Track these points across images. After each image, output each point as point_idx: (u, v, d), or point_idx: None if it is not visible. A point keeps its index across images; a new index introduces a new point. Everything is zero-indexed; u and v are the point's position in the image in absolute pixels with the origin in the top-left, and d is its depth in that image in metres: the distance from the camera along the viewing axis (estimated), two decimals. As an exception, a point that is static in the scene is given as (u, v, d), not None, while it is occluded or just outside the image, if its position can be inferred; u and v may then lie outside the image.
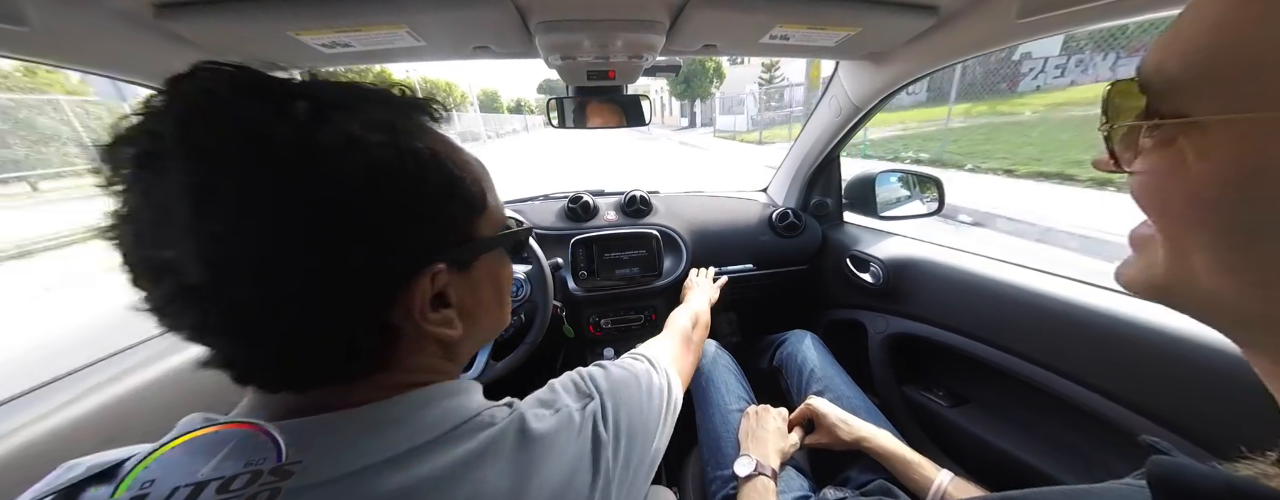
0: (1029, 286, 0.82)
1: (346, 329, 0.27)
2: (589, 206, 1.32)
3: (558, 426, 0.34)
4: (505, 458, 0.30)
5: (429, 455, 0.28)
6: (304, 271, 0.25)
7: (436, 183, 0.30)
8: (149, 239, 0.24)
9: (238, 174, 0.23)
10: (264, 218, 0.24)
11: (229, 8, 0.58)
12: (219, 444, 0.32)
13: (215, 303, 0.24)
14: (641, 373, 0.46)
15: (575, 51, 0.77)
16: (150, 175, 0.24)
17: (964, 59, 0.84)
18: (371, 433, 0.28)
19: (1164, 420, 0.61)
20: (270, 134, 0.24)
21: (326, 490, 0.26)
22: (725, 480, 0.72)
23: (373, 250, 0.26)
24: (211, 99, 0.25)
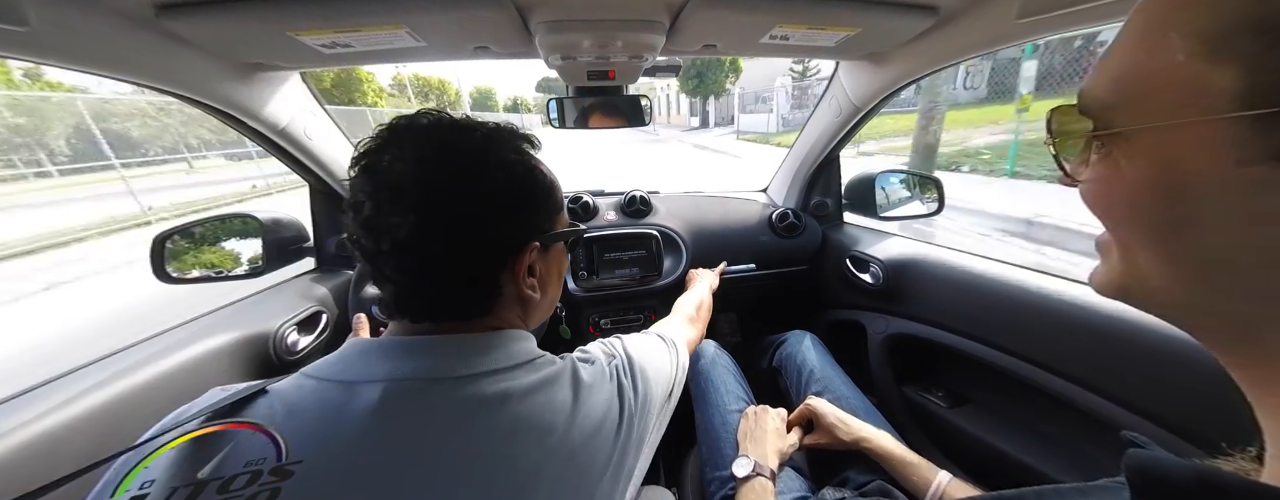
0: (1029, 287, 0.82)
1: (481, 280, 0.41)
2: (589, 206, 1.32)
3: (595, 373, 0.46)
4: (566, 386, 0.42)
5: (516, 373, 0.40)
6: (471, 236, 0.39)
7: (541, 187, 0.44)
8: (385, 210, 0.36)
9: (444, 173, 0.38)
10: (455, 201, 0.37)
11: (229, 8, 0.58)
12: (219, 444, 0.32)
13: (416, 254, 0.37)
14: (653, 340, 0.60)
15: (575, 51, 0.77)
16: (392, 170, 0.37)
17: (964, 59, 0.84)
18: (481, 352, 0.40)
19: (1164, 421, 0.61)
20: (462, 150, 0.39)
21: (455, 382, 0.37)
22: (724, 481, 0.72)
23: (507, 227, 0.41)
24: (428, 127, 0.40)
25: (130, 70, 0.66)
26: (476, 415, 0.36)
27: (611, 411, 0.43)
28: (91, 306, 3.86)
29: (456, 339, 0.40)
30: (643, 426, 0.46)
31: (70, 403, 0.59)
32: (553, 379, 0.42)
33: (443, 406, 0.36)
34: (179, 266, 0.96)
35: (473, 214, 0.38)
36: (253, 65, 0.79)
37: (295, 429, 0.33)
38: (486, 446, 0.35)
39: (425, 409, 0.35)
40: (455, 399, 0.36)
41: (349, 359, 0.39)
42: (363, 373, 0.37)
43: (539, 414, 0.38)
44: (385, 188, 0.37)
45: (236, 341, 0.81)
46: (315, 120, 1.01)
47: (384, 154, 0.38)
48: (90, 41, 0.58)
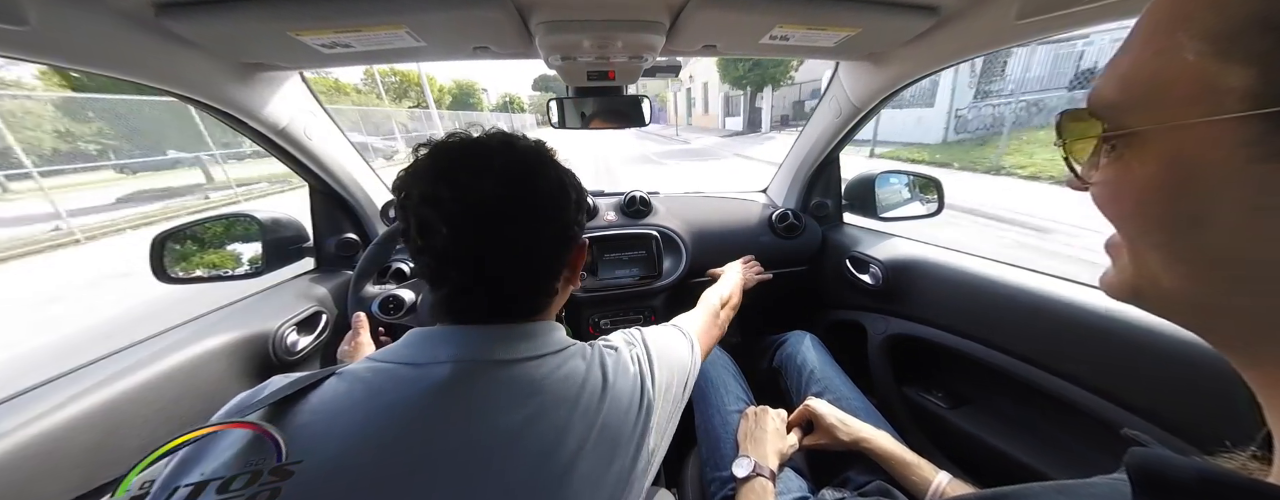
0: (1029, 287, 0.82)
1: (549, 279, 0.47)
2: (589, 207, 1.32)
3: (621, 358, 0.50)
4: (598, 369, 0.46)
5: (555, 359, 0.44)
6: (551, 242, 0.45)
7: (574, 182, 0.48)
8: (457, 226, 0.39)
9: (530, 193, 0.42)
10: (537, 211, 0.42)
11: (229, 8, 0.58)
12: (219, 444, 0.32)
13: (512, 269, 0.43)
14: (671, 332, 0.63)
15: (575, 52, 0.77)
16: (466, 193, 0.39)
17: (964, 59, 0.84)
18: (531, 338, 0.45)
19: (1164, 421, 0.61)
20: (531, 167, 0.43)
21: (515, 365, 0.41)
22: (724, 481, 0.72)
23: (564, 229, 0.45)
24: (503, 144, 0.43)
25: (130, 70, 0.66)
26: (532, 392, 0.40)
27: (635, 394, 0.47)
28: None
29: (508, 329, 0.44)
30: (661, 412, 0.49)
31: (70, 403, 0.59)
32: (588, 364, 0.46)
33: (503, 383, 0.40)
34: (178, 266, 0.96)
35: (541, 222, 0.43)
36: (253, 65, 0.79)
37: (324, 422, 0.35)
38: (541, 417, 0.39)
39: (490, 385, 0.39)
40: (512, 377, 0.40)
41: (413, 345, 0.42)
42: (429, 355, 0.41)
43: (581, 393, 0.42)
44: (457, 208, 0.39)
45: (236, 341, 0.81)
46: (315, 120, 1.01)
47: (447, 173, 0.40)
48: (90, 41, 0.58)
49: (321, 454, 0.32)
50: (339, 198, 1.15)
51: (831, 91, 1.14)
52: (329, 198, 1.15)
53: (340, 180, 1.11)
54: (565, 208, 0.44)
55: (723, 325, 0.81)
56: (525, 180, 0.41)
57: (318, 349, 0.99)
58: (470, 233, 0.39)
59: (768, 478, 0.67)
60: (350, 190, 1.15)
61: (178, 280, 0.95)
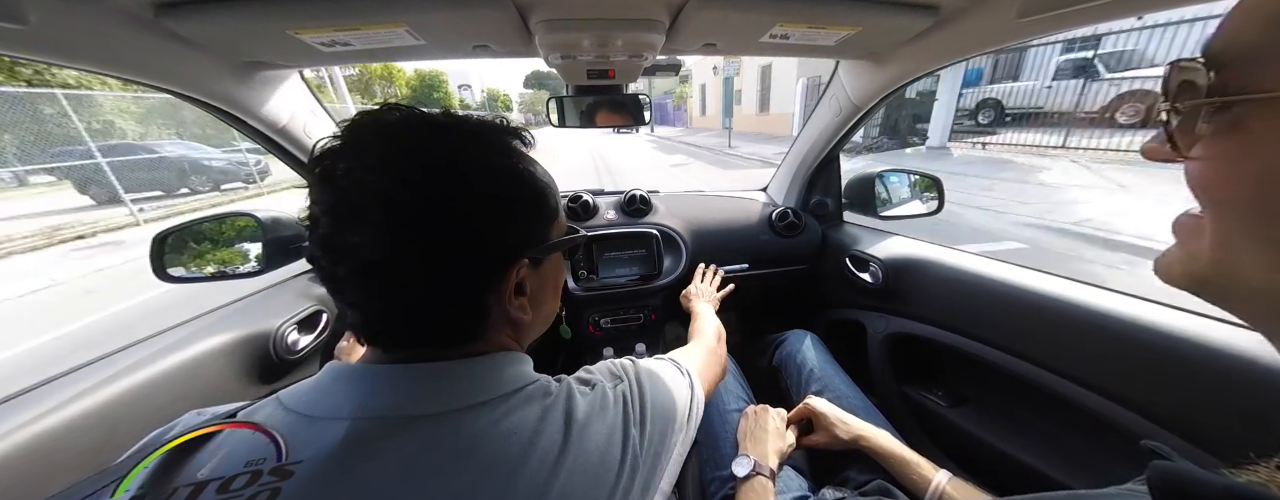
0: (1028, 286, 0.82)
1: (461, 301, 0.36)
2: (589, 206, 1.32)
3: (594, 402, 0.40)
4: (558, 421, 0.36)
5: (501, 406, 0.35)
6: (447, 257, 0.33)
7: (529, 195, 0.39)
8: (344, 227, 0.32)
9: (414, 184, 0.32)
10: (427, 217, 0.32)
11: (229, 7, 0.58)
12: (220, 444, 0.32)
13: (382, 277, 0.33)
14: (667, 368, 0.51)
15: (575, 50, 0.77)
16: (350, 181, 0.32)
17: (964, 58, 0.84)
18: (462, 381, 0.35)
19: (1163, 421, 0.61)
20: (436, 155, 0.33)
21: (431, 421, 0.33)
22: (723, 480, 0.72)
23: (491, 243, 0.36)
24: (394, 128, 0.34)
25: (130, 68, 0.66)
26: (456, 459, 0.31)
27: (612, 451, 0.37)
28: None
29: (434, 368, 0.35)
30: (650, 470, 0.39)
31: (70, 403, 0.59)
32: (546, 411, 0.36)
33: (416, 449, 0.31)
34: (178, 266, 0.96)
35: (449, 231, 0.33)
36: (252, 64, 0.79)
37: (293, 433, 0.32)
38: (467, 495, 0.30)
39: (395, 453, 0.30)
40: (430, 439, 0.32)
41: (321, 389, 0.35)
42: (329, 407, 0.33)
43: (529, 454, 0.33)
44: (344, 201, 0.32)
45: (236, 341, 0.81)
46: (315, 119, 1.01)
47: (340, 160, 0.32)
48: (90, 40, 0.58)
49: (310, 463, 0.29)
50: None
51: (831, 90, 1.14)
52: None
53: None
54: (463, 213, 0.34)
55: (721, 361, 0.73)
56: (435, 175, 0.33)
57: (318, 348, 0.99)
58: (353, 228, 0.32)
59: (768, 477, 0.67)
60: None
61: (178, 279, 0.94)
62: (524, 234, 0.39)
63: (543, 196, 0.40)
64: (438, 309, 0.35)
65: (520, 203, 0.38)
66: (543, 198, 0.40)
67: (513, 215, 0.37)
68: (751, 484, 0.67)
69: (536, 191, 0.39)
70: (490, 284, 0.37)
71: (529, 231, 0.39)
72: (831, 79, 1.14)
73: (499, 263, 0.37)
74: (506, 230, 0.37)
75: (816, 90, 16.59)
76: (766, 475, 0.67)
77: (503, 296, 0.38)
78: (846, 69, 1.06)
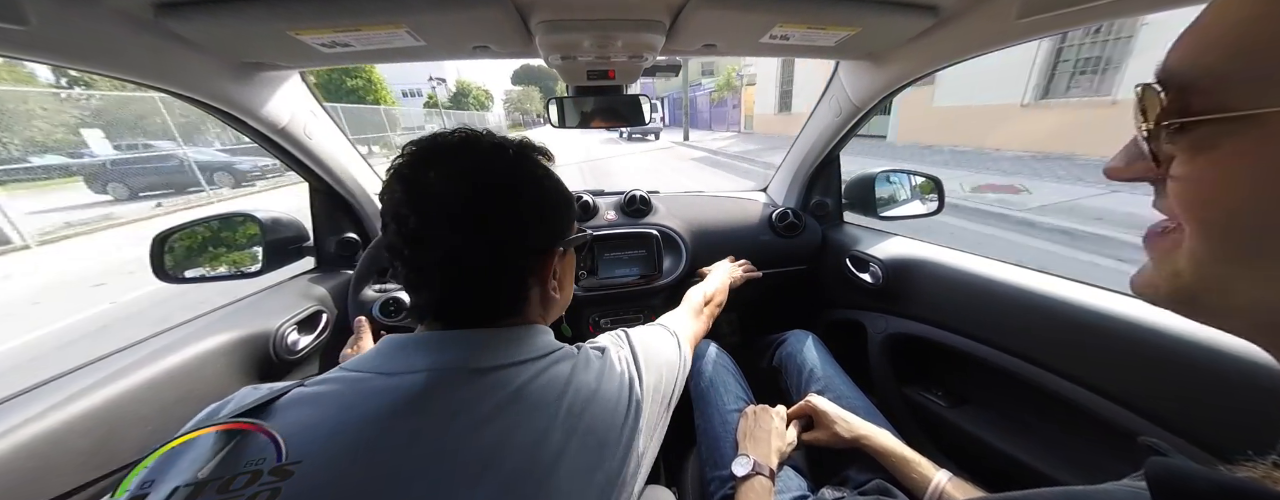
0: (1028, 287, 0.82)
1: (514, 284, 0.45)
2: (589, 206, 1.32)
3: (608, 360, 0.50)
4: (585, 372, 0.46)
5: (541, 363, 0.44)
6: (512, 249, 0.43)
7: (564, 199, 0.49)
8: (433, 225, 0.40)
9: (489, 192, 0.41)
10: (499, 218, 0.41)
11: (229, 7, 0.58)
12: (220, 444, 0.32)
13: (462, 265, 0.41)
14: (657, 331, 0.63)
15: (575, 51, 0.77)
16: (440, 186, 0.40)
17: (964, 59, 0.84)
18: (510, 344, 0.44)
19: (1162, 421, 0.61)
20: (501, 170, 0.43)
21: (491, 371, 0.41)
22: (723, 480, 0.72)
23: (539, 237, 0.46)
24: (461, 146, 0.43)
25: (130, 69, 0.66)
26: (512, 399, 0.39)
27: (623, 397, 0.47)
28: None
29: (488, 333, 0.44)
30: (651, 413, 0.49)
31: (70, 402, 0.59)
32: (575, 367, 0.45)
33: (481, 391, 0.39)
34: (179, 266, 0.96)
35: (514, 228, 0.42)
36: (252, 64, 0.79)
37: (304, 428, 0.34)
38: (521, 425, 0.38)
39: (466, 394, 0.38)
40: (491, 384, 0.40)
41: (387, 353, 0.42)
42: (403, 364, 0.40)
43: (563, 398, 0.42)
44: (433, 204, 0.39)
45: (236, 341, 0.81)
46: (315, 119, 1.01)
47: (429, 170, 0.40)
48: (89, 40, 0.58)
49: (313, 459, 0.32)
50: (339, 197, 1.15)
51: (831, 90, 1.14)
52: (329, 197, 1.15)
53: (340, 179, 1.11)
54: (521, 215, 0.43)
55: (707, 320, 0.85)
56: (502, 183, 0.42)
57: (318, 348, 0.99)
58: (437, 228, 0.39)
59: (767, 476, 0.67)
60: (350, 190, 1.15)
61: (178, 279, 0.95)
62: (559, 230, 0.48)
63: (571, 200, 0.51)
64: (498, 288, 0.44)
65: (557, 205, 0.47)
66: (571, 201, 0.51)
67: (552, 215, 0.46)
68: (751, 484, 0.67)
69: (567, 197, 0.49)
70: (534, 270, 0.46)
71: (562, 228, 0.49)
72: (831, 79, 1.14)
73: (543, 252, 0.46)
74: (548, 226, 0.46)
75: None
76: (766, 475, 0.67)
77: (544, 279, 0.48)
78: (846, 69, 1.06)
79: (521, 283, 0.46)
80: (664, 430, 0.53)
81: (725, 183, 8.81)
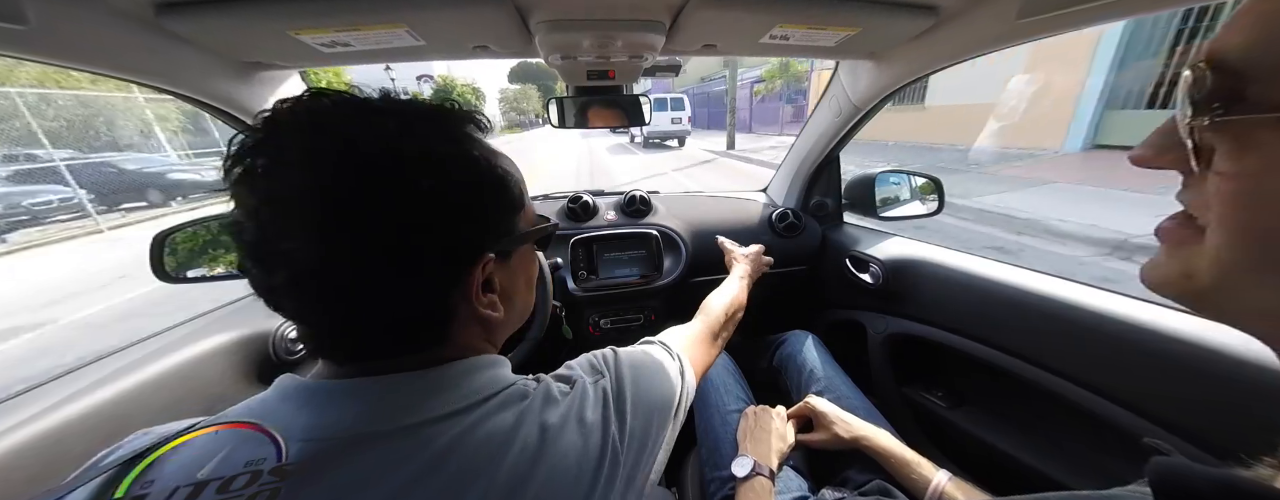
0: (1028, 287, 0.82)
1: (419, 307, 0.33)
2: (589, 206, 1.32)
3: (573, 400, 0.38)
4: (534, 416, 0.35)
5: (477, 412, 0.33)
6: (396, 259, 0.30)
7: (488, 184, 0.35)
8: (272, 231, 0.29)
9: (349, 178, 0.29)
10: (367, 216, 0.29)
11: (229, 7, 0.58)
12: (219, 444, 0.32)
13: (321, 285, 0.30)
14: (656, 355, 0.49)
15: (575, 51, 0.77)
16: (274, 179, 0.29)
17: (964, 59, 0.84)
18: (431, 392, 0.33)
19: (1162, 421, 0.61)
20: (372, 144, 0.30)
21: (397, 435, 0.31)
22: (723, 481, 0.72)
23: (444, 242, 0.33)
24: (320, 116, 0.31)
25: (130, 69, 0.66)
26: (428, 471, 0.29)
27: (590, 449, 0.35)
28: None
29: (396, 380, 0.33)
30: (633, 462, 0.38)
31: (69, 402, 0.59)
32: (524, 415, 0.35)
33: (382, 465, 0.29)
34: (179, 265, 0.96)
35: (394, 230, 0.30)
36: (252, 64, 0.79)
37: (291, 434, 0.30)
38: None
39: (358, 470, 0.29)
40: (398, 453, 0.30)
41: (270, 406, 0.33)
42: (283, 428, 0.30)
43: (502, 459, 0.31)
44: (270, 201, 0.29)
45: (236, 341, 0.81)
46: None
47: (260, 156, 0.29)
48: (90, 40, 0.58)
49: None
50: None
51: (831, 91, 1.14)
52: None
53: None
54: (413, 209, 0.31)
55: (721, 345, 0.70)
56: (371, 167, 0.29)
57: None
58: (283, 232, 0.29)
59: (768, 477, 0.67)
60: None
61: (178, 279, 0.94)
62: (485, 227, 0.36)
63: (503, 185, 0.37)
64: (390, 316, 0.32)
65: (477, 194, 0.34)
66: (503, 187, 0.37)
67: (469, 208, 0.34)
68: (752, 484, 0.67)
69: (495, 180, 0.36)
70: (455, 283, 0.34)
71: (491, 224, 0.36)
72: (831, 79, 1.14)
73: (460, 260, 0.34)
74: (463, 225, 0.33)
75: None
76: (767, 475, 0.67)
77: (470, 294, 0.35)
78: (846, 69, 1.06)
79: (435, 304, 0.34)
80: (659, 466, 0.41)
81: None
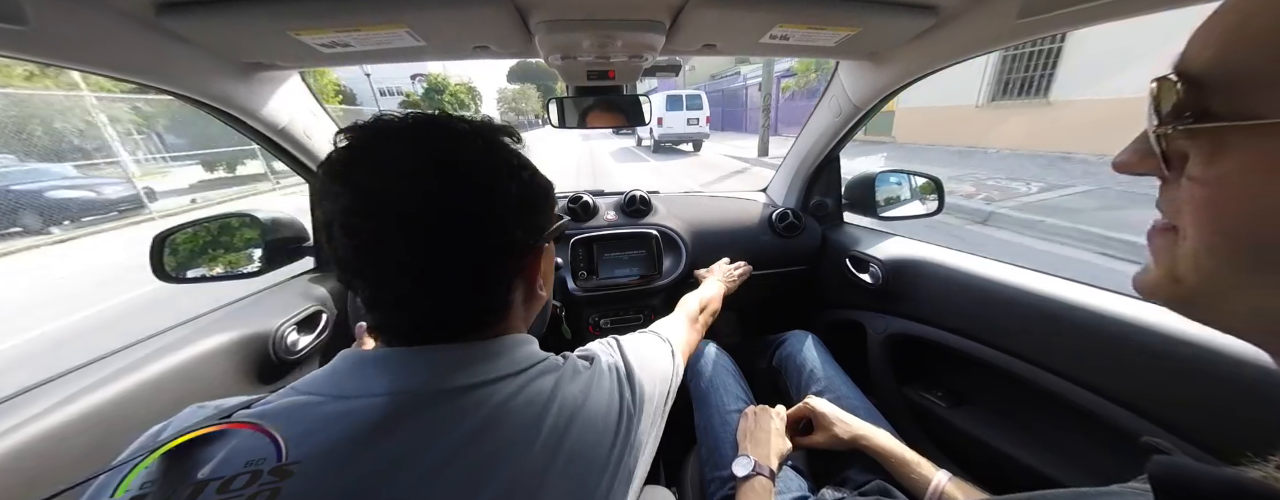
0: (1028, 287, 0.82)
1: (498, 294, 0.41)
2: (589, 206, 1.32)
3: (596, 373, 0.46)
4: (571, 387, 0.42)
5: (520, 379, 0.39)
6: (492, 255, 0.38)
7: (544, 190, 0.43)
8: (390, 234, 0.34)
9: (457, 190, 0.35)
10: (473, 220, 0.35)
11: (229, 7, 0.58)
12: (219, 444, 0.32)
13: (431, 279, 0.36)
14: (650, 338, 0.59)
15: (575, 51, 0.77)
16: (391, 186, 0.34)
17: (964, 58, 0.84)
18: (486, 359, 0.39)
19: (1162, 421, 0.61)
20: (471, 162, 0.36)
21: (463, 392, 0.36)
22: (723, 481, 0.72)
23: (521, 237, 0.39)
24: (421, 129, 0.36)
25: (130, 69, 0.66)
26: (486, 423, 0.35)
27: (612, 412, 0.43)
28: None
29: (460, 348, 0.38)
30: (641, 428, 0.45)
31: (69, 402, 0.59)
32: (559, 382, 0.41)
33: (450, 417, 0.34)
34: (178, 265, 0.96)
35: (495, 230, 0.37)
36: (253, 64, 0.79)
37: (293, 433, 0.32)
38: (498, 452, 0.34)
39: (433, 420, 0.34)
40: (462, 408, 0.35)
41: (342, 373, 0.37)
42: (361, 387, 0.35)
43: (545, 417, 0.37)
44: (390, 208, 0.33)
45: (236, 341, 0.81)
46: (316, 120, 1.01)
47: (379, 166, 0.34)
48: (90, 40, 0.58)
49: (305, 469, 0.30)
50: None
51: (831, 91, 1.14)
52: None
53: None
54: (503, 213, 0.37)
55: (702, 329, 0.81)
56: (475, 186, 0.35)
57: (318, 348, 0.99)
58: (400, 237, 0.34)
59: (768, 477, 0.67)
60: None
61: (178, 279, 0.94)
62: (544, 223, 0.43)
63: (550, 191, 0.45)
64: (478, 300, 0.39)
65: (539, 198, 0.42)
66: (550, 192, 0.45)
67: (535, 210, 0.41)
68: (752, 484, 0.66)
69: (548, 184, 0.44)
70: (520, 271, 0.42)
71: (544, 222, 0.44)
72: (831, 79, 1.14)
73: (527, 251, 0.42)
74: (535, 221, 0.42)
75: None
76: (767, 475, 0.67)
77: (532, 279, 0.44)
78: (846, 69, 1.06)
79: (505, 289, 0.41)
80: (657, 441, 0.49)
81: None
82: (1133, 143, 0.23)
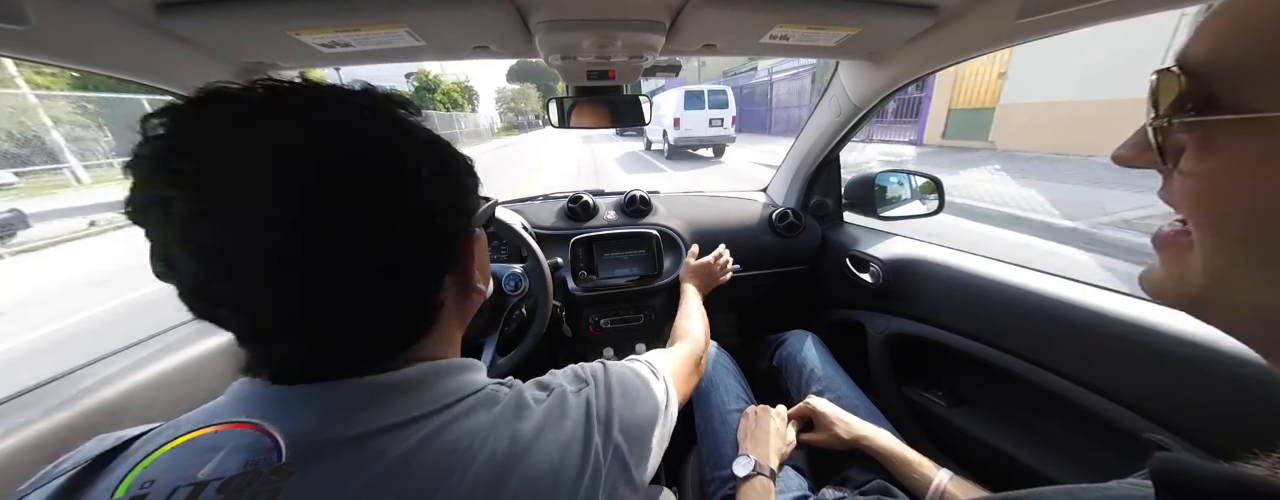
0: (1028, 287, 0.82)
1: (425, 301, 0.33)
2: (589, 206, 1.32)
3: (551, 408, 0.36)
4: (513, 422, 0.33)
5: (445, 414, 0.32)
6: (399, 251, 0.29)
7: (463, 165, 0.35)
8: (259, 250, 0.26)
9: (352, 181, 0.27)
10: (386, 209, 0.28)
11: (229, 7, 0.58)
12: (219, 444, 0.32)
13: (325, 314, 0.28)
14: (641, 373, 0.47)
15: (575, 51, 0.77)
16: (241, 179, 0.26)
17: (964, 59, 0.84)
18: (399, 394, 0.31)
19: (1162, 421, 0.61)
20: (364, 141, 0.28)
21: (363, 442, 0.29)
22: (724, 480, 0.72)
23: (446, 230, 0.32)
24: (288, 97, 0.28)
25: (130, 69, 0.66)
26: (382, 481, 0.28)
27: (569, 459, 0.33)
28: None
29: (360, 385, 0.31)
30: (614, 478, 0.35)
31: (70, 402, 0.59)
32: (497, 421, 0.33)
33: (343, 470, 0.28)
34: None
35: (412, 221, 0.29)
36: (253, 64, 0.79)
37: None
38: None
39: (320, 476, 0.28)
40: (358, 459, 0.28)
41: (229, 408, 0.31)
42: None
43: (468, 468, 0.29)
44: (254, 207, 0.25)
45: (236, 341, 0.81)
46: None
47: (225, 149, 0.25)
48: (90, 40, 0.58)
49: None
50: None
51: (831, 91, 1.14)
52: None
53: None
54: (419, 196, 0.30)
55: (701, 370, 0.72)
56: (343, 158, 0.27)
57: None
58: (264, 245, 0.25)
59: (768, 477, 0.67)
60: None
61: None
62: (469, 206, 0.36)
63: (472, 166, 0.37)
64: (394, 317, 0.31)
65: (460, 175, 0.35)
66: (472, 167, 0.37)
67: (461, 189, 0.35)
68: (752, 484, 0.67)
69: (467, 163, 0.36)
70: (449, 267, 0.34)
71: (472, 204, 0.37)
72: (831, 79, 1.14)
73: (455, 245, 0.34)
74: (457, 205, 0.34)
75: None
76: (767, 475, 0.67)
77: (467, 271, 0.36)
78: (846, 69, 1.06)
79: (435, 288, 0.34)
80: (644, 489, 0.40)
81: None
82: (1130, 138, 0.22)
